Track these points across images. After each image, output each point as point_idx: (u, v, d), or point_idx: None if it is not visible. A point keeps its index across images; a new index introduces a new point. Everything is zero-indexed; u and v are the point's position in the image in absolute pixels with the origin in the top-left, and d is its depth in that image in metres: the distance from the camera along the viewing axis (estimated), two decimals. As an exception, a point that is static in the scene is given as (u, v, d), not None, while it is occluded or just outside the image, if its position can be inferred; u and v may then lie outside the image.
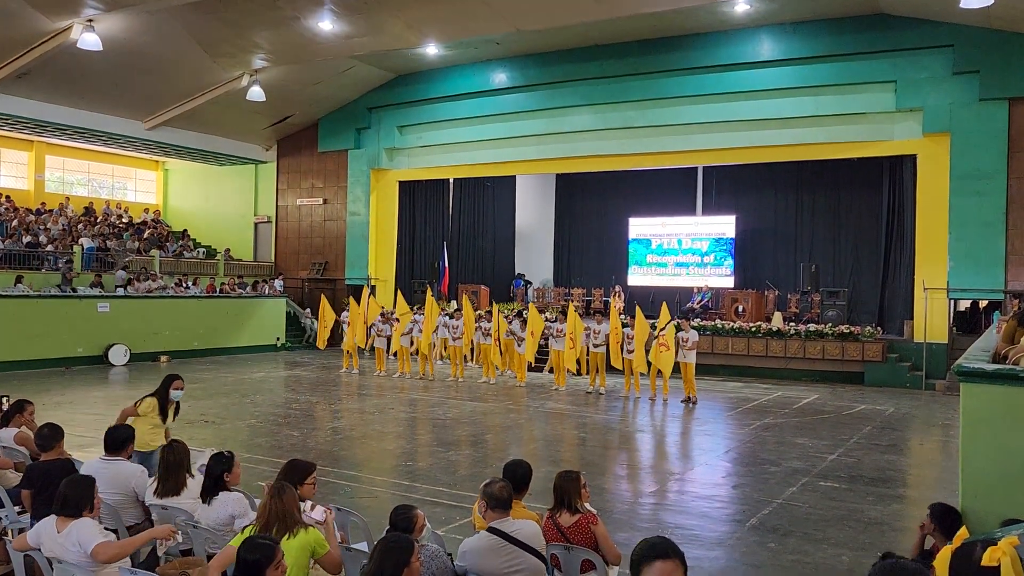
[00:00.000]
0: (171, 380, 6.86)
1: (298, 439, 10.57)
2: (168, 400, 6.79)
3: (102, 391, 14.79)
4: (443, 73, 22.11)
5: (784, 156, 19.17)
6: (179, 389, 6.84)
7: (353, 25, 17.59)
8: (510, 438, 11.37)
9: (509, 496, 4.12)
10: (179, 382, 6.86)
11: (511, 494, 4.15)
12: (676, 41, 18.89)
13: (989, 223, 16.15)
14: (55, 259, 20.53)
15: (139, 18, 17.18)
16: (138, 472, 5.23)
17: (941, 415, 13.45)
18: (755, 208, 23.45)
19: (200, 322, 20.85)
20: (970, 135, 16.29)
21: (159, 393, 6.79)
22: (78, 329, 18.21)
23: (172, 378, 6.88)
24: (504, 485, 4.16)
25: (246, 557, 3.33)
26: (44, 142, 24.54)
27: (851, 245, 21.92)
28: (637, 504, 7.81)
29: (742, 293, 20.02)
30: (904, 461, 10.22)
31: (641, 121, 19.81)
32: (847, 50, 17.41)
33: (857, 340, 16.98)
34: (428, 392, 15.23)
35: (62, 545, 3.97)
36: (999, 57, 15.96)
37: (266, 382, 16.54)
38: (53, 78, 19.09)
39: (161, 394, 6.78)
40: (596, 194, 26.01)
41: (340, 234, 24.70)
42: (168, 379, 6.88)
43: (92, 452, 6.55)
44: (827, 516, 7.28)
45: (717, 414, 13.50)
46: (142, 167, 28.42)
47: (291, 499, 4.08)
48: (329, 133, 24.62)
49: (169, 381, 6.84)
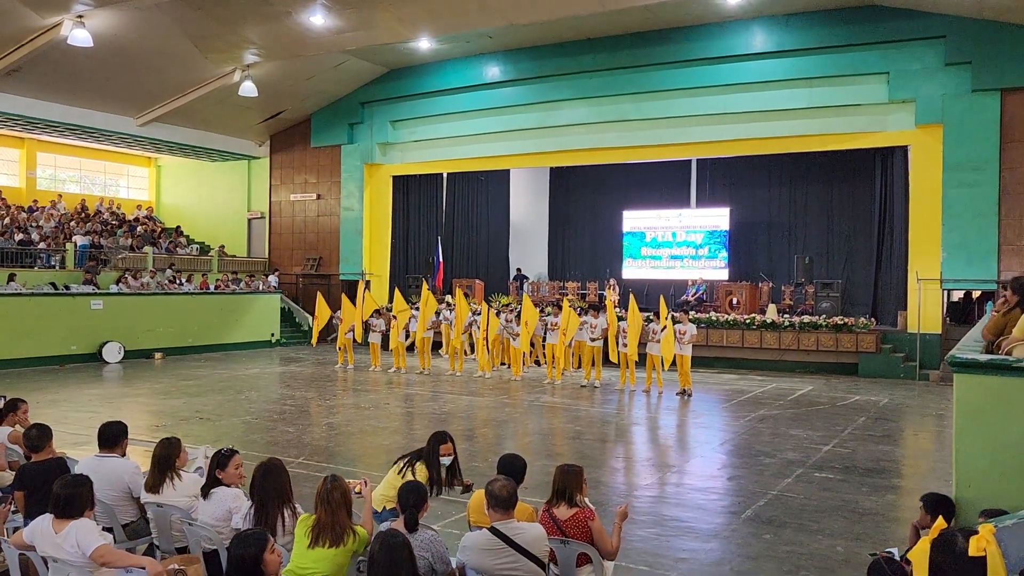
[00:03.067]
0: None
1: (293, 435, 10.56)
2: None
3: (96, 389, 14.75)
4: (436, 67, 22.05)
5: (777, 148, 19.20)
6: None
7: (345, 20, 17.53)
8: (505, 432, 11.38)
9: (510, 495, 4.04)
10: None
11: (513, 493, 4.07)
12: (669, 33, 18.86)
13: (982, 214, 16.19)
14: (47, 257, 20.46)
15: (129, 14, 17.09)
16: (132, 468, 5.20)
17: (935, 406, 13.51)
18: (749, 200, 23.49)
19: (194, 319, 20.79)
20: (962, 126, 16.30)
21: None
22: (71, 327, 18.15)
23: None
24: (506, 484, 4.08)
25: (241, 553, 3.31)
26: (36, 139, 24.41)
27: (844, 236, 21.99)
28: (633, 497, 7.82)
29: (736, 285, 20.05)
30: (898, 452, 10.26)
31: (635, 114, 19.79)
32: (839, 42, 17.40)
33: (851, 331, 17.03)
34: (423, 387, 15.23)
35: (59, 546, 3.94)
36: (991, 48, 15.97)
37: (261, 378, 16.52)
38: (44, 75, 18.98)
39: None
40: (590, 187, 26.01)
41: (334, 229, 24.65)
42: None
43: (87, 450, 6.53)
44: (822, 507, 7.30)
45: (712, 406, 13.54)
46: (134, 163, 28.30)
47: (340, 502, 4.00)
48: (322, 128, 24.54)
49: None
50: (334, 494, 4.00)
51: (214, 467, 4.72)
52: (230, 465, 4.73)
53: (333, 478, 4.12)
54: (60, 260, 20.64)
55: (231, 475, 4.72)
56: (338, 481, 4.11)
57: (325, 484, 4.07)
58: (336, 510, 3.97)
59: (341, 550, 3.93)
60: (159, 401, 13.41)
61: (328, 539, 3.91)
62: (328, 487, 4.04)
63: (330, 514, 3.96)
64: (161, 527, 4.90)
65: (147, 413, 12.36)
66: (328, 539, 3.91)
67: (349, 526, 4.00)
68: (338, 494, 4.02)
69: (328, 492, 4.01)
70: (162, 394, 14.13)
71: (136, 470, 5.20)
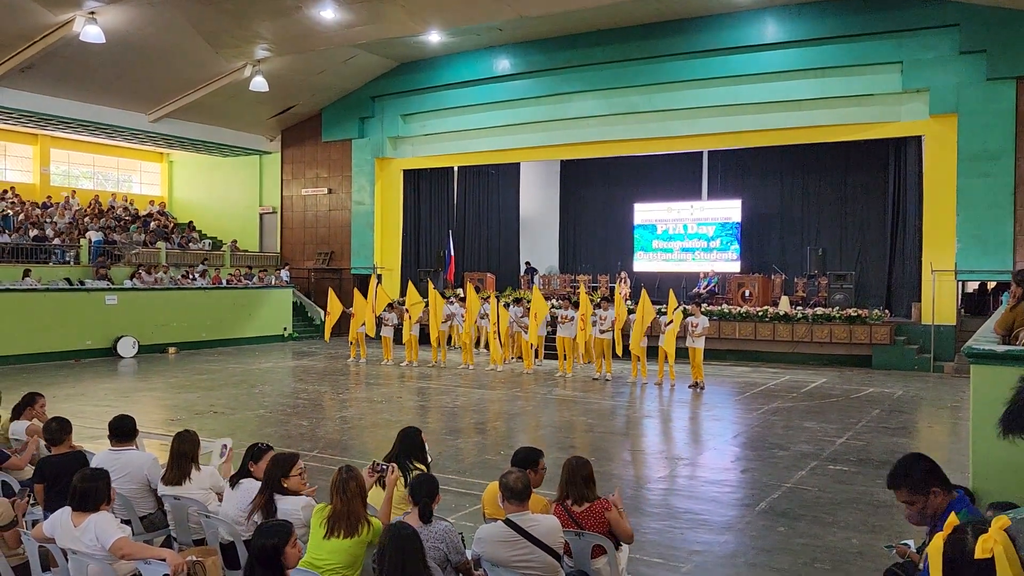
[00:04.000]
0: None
1: (307, 428, 10.62)
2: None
3: (112, 383, 14.87)
4: (446, 60, 22.02)
5: (789, 139, 19.07)
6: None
7: (355, 14, 17.53)
8: (517, 425, 11.39)
9: (524, 487, 4.04)
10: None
11: (527, 485, 4.07)
12: (680, 25, 18.76)
13: (997, 204, 16.04)
14: (62, 252, 20.60)
15: (141, 10, 17.15)
16: (150, 460, 5.24)
17: (949, 397, 13.43)
18: (761, 192, 23.37)
19: (207, 313, 20.92)
20: (977, 115, 16.15)
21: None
22: (86, 322, 18.30)
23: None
24: (520, 476, 4.08)
25: (263, 543, 3.33)
26: (49, 135, 24.56)
27: (858, 228, 21.84)
28: (646, 489, 7.82)
29: (748, 277, 19.98)
30: (913, 444, 10.20)
31: (645, 106, 19.70)
32: (852, 31, 17.26)
33: (864, 323, 16.94)
34: (435, 380, 15.26)
35: (78, 539, 3.98)
36: (1006, 36, 15.79)
37: (274, 372, 16.59)
38: (56, 71, 19.09)
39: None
40: (601, 180, 25.93)
41: (345, 224, 24.70)
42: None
43: (103, 444, 6.59)
44: (836, 499, 7.28)
45: (725, 399, 13.51)
46: (147, 159, 28.44)
47: (355, 492, 4.02)
48: (333, 122, 24.57)
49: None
50: (349, 484, 4.02)
51: (247, 459, 4.75)
52: (262, 460, 4.67)
53: (348, 468, 4.14)
54: (74, 256, 20.78)
55: (261, 469, 4.59)
56: (353, 472, 4.13)
57: (340, 474, 4.09)
58: (351, 500, 3.99)
59: (356, 540, 3.95)
60: (173, 395, 13.50)
61: (343, 530, 3.94)
62: (344, 476, 4.06)
63: (345, 504, 3.98)
64: (178, 519, 4.94)
65: (162, 407, 12.45)
66: (343, 530, 3.94)
67: (364, 516, 4.03)
68: (353, 484, 4.04)
69: (344, 482, 4.03)
70: (176, 388, 14.22)
71: (154, 462, 5.23)
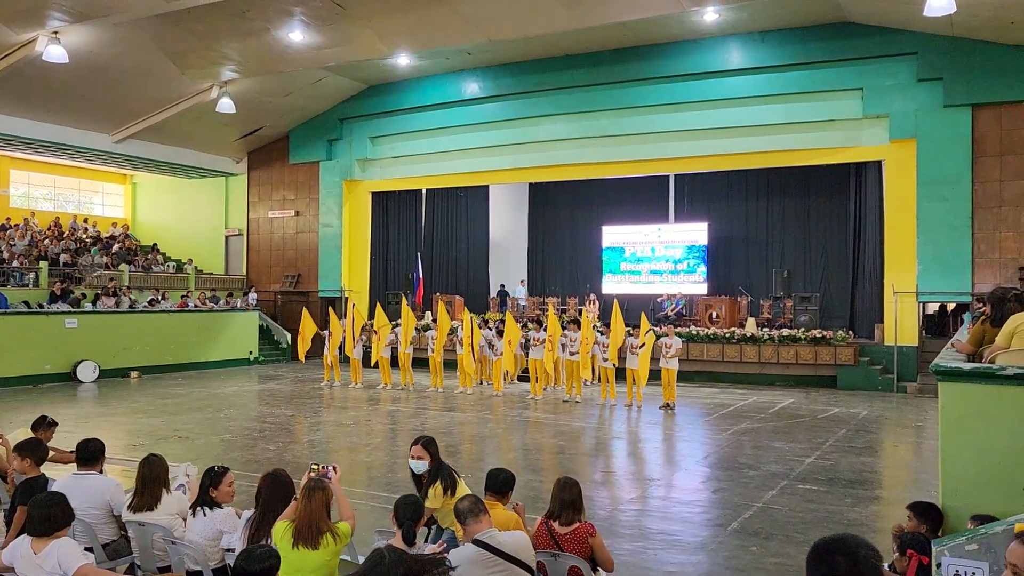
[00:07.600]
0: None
1: (274, 452, 10.44)
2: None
3: (72, 408, 14.49)
4: (415, 83, 22.08)
5: (754, 163, 19.41)
6: None
7: (324, 36, 17.51)
8: (488, 447, 11.32)
9: (473, 505, 4.07)
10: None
11: (476, 503, 4.10)
12: (647, 50, 19.04)
13: (955, 227, 16.43)
14: (20, 275, 20.15)
15: (106, 30, 16.94)
16: (113, 485, 5.11)
17: (913, 417, 13.63)
18: (727, 215, 23.69)
19: (171, 337, 20.53)
20: (935, 141, 16.57)
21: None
22: (45, 346, 17.84)
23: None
24: (465, 498, 4.16)
25: (249, 568, 3.26)
26: (8, 156, 24.08)
27: (821, 250, 22.21)
28: (618, 511, 7.80)
29: (716, 299, 20.17)
30: (879, 463, 10.33)
31: (613, 130, 19.92)
32: (814, 58, 17.66)
33: (829, 344, 17.17)
34: (405, 403, 15.13)
35: (39, 567, 3.85)
36: (962, 64, 16.27)
37: (240, 396, 16.33)
38: (18, 91, 18.75)
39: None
40: (569, 203, 26.07)
41: (313, 246, 24.51)
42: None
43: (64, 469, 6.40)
44: (807, 518, 7.32)
45: (694, 420, 13.57)
46: (110, 180, 28.01)
47: (320, 503, 4.08)
48: (300, 144, 24.45)
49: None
50: (316, 493, 4.09)
51: (207, 484, 4.67)
52: (223, 483, 4.69)
53: (319, 480, 4.23)
54: (34, 278, 20.34)
55: (224, 492, 4.68)
56: (324, 484, 4.20)
57: (310, 482, 4.18)
58: (316, 510, 4.05)
59: (323, 551, 4.00)
60: (136, 420, 13.19)
61: (306, 542, 3.99)
62: (312, 486, 4.13)
63: (308, 511, 4.03)
64: (143, 546, 4.80)
65: (124, 432, 12.15)
66: (306, 542, 3.99)
67: (328, 528, 4.06)
68: (320, 494, 4.10)
69: (310, 491, 4.09)
70: (139, 413, 13.91)
71: (117, 487, 5.10)
